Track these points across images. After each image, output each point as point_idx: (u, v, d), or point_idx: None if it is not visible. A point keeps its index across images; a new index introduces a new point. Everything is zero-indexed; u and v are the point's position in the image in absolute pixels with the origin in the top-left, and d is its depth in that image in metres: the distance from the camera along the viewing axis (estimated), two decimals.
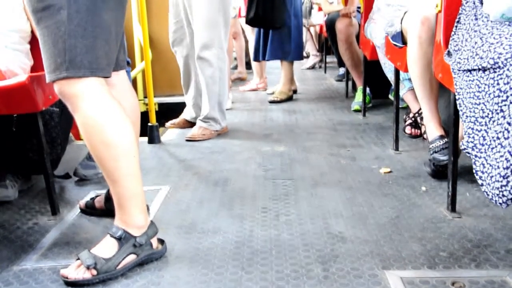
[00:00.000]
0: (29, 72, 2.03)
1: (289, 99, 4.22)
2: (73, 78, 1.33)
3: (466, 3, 1.66)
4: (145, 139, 2.89)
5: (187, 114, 3.34)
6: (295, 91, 4.41)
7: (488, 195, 1.31)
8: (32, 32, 2.09)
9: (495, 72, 1.31)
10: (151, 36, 3.76)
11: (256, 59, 4.41)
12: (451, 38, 1.69)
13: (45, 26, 1.33)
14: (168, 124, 3.33)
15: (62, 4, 1.30)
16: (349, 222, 1.72)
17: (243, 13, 4.95)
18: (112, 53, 1.42)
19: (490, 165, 1.29)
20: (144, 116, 2.12)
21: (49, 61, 1.35)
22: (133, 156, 1.43)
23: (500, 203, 1.27)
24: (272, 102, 4.12)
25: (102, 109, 1.38)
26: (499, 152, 1.26)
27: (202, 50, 2.91)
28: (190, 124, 3.26)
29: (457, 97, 1.51)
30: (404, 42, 2.29)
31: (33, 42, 2.10)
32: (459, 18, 1.68)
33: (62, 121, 2.21)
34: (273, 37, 4.12)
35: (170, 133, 3.18)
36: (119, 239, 1.43)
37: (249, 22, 4.05)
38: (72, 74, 1.33)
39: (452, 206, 1.76)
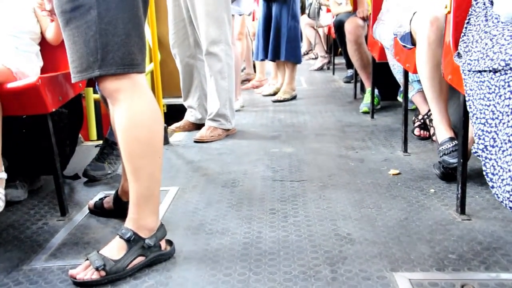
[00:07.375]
0: (39, 73, 2.05)
1: (293, 98, 4.30)
2: (111, 75, 1.35)
3: (476, 4, 1.65)
4: None
5: (190, 116, 3.31)
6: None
7: (498, 197, 1.30)
8: (42, 33, 2.10)
9: (506, 73, 1.30)
10: (159, 37, 3.76)
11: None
12: (460, 40, 1.68)
13: (75, 27, 1.34)
14: (172, 127, 3.28)
15: (91, 3, 1.31)
16: (358, 223, 1.72)
17: (257, 15, 5.01)
18: (145, 48, 1.43)
19: (501, 168, 1.27)
20: None
21: (80, 60, 1.36)
22: (159, 157, 1.44)
23: (510, 207, 1.26)
24: (276, 101, 4.22)
25: (142, 106, 1.39)
26: (510, 155, 1.24)
27: (211, 46, 2.91)
28: (195, 126, 3.25)
29: (467, 98, 1.50)
30: (413, 43, 2.27)
31: (43, 44, 2.12)
32: (469, 19, 1.67)
33: (71, 122, 2.22)
34: (271, 38, 4.16)
35: (178, 134, 3.19)
36: (128, 240, 1.43)
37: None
38: (104, 72, 1.34)
39: (462, 208, 1.75)
